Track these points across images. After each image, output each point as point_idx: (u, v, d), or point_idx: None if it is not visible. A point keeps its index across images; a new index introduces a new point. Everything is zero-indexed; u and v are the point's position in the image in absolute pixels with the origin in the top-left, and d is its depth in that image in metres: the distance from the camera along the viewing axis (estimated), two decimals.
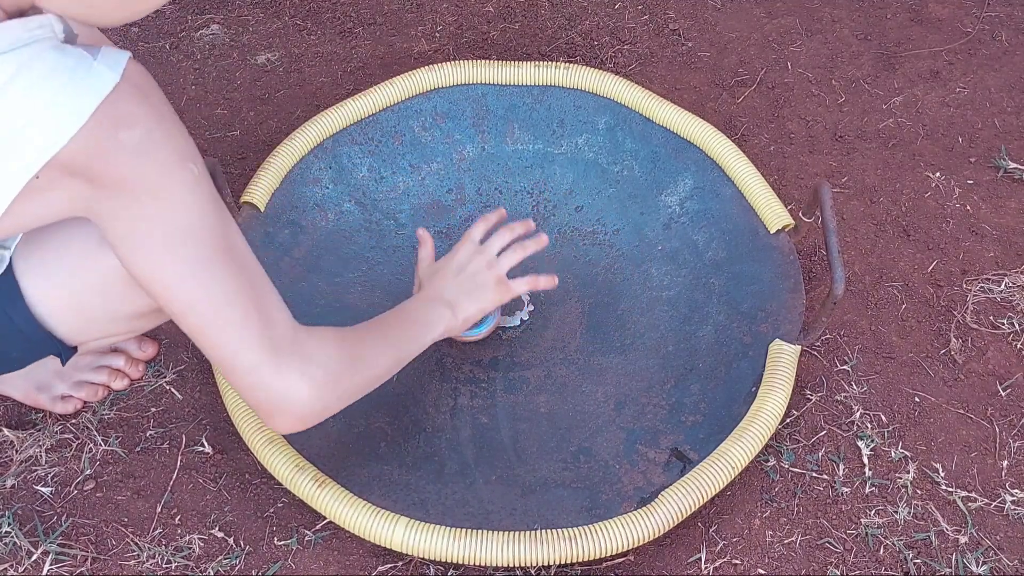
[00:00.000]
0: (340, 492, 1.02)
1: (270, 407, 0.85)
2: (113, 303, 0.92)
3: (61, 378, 1.16)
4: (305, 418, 0.87)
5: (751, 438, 1.06)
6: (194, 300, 0.80)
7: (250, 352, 0.82)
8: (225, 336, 0.81)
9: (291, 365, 0.84)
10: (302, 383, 0.85)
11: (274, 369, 0.83)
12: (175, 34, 1.59)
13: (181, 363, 1.22)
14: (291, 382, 0.84)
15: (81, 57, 0.72)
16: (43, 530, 1.08)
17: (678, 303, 1.27)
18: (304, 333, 0.87)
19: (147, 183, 0.75)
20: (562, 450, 1.15)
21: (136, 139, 0.73)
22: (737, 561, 1.08)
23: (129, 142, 0.73)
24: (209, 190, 0.79)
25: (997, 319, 1.27)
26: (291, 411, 0.85)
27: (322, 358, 0.87)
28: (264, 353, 0.82)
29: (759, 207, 1.28)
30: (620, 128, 1.38)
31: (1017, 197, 1.40)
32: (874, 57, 1.58)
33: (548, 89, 1.41)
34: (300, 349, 0.85)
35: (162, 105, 0.77)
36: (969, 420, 1.19)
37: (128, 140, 0.73)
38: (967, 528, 1.10)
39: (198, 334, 0.82)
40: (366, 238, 1.32)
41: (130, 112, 0.73)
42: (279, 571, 1.06)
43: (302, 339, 0.86)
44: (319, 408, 0.87)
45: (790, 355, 1.13)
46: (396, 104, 1.38)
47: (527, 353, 1.25)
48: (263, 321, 0.82)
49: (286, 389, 0.84)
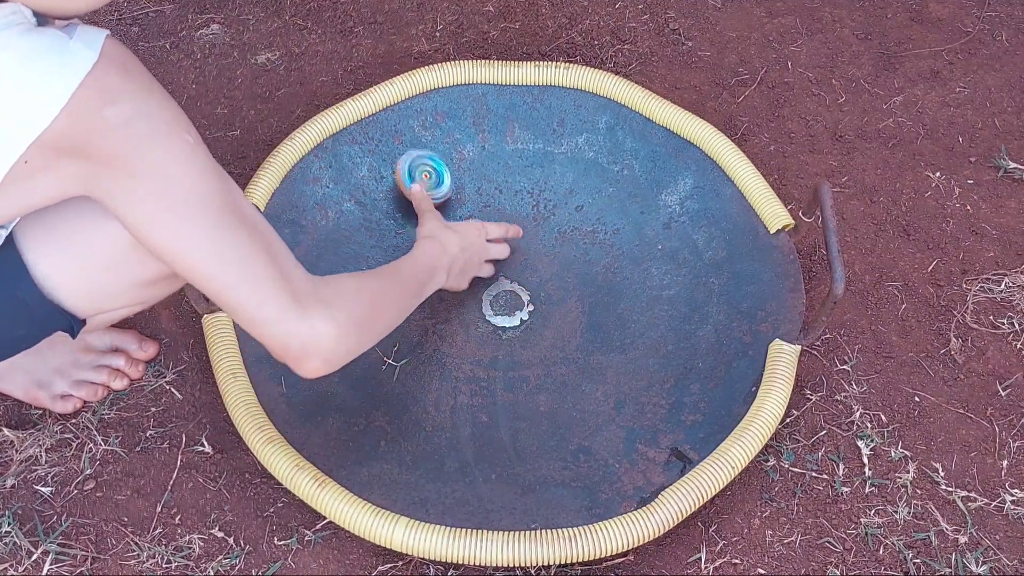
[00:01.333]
0: (340, 492, 1.02)
1: (299, 352, 0.87)
2: (124, 271, 0.91)
3: (61, 376, 1.16)
4: (332, 359, 0.89)
5: (751, 438, 1.06)
6: (211, 266, 0.82)
7: (273, 305, 0.84)
8: (247, 295, 0.84)
9: (314, 310, 0.86)
10: (327, 326, 0.87)
11: (298, 316, 0.85)
12: (175, 33, 1.59)
13: (181, 363, 1.22)
14: (316, 326, 0.86)
15: (57, 37, 0.72)
16: (43, 530, 1.08)
17: (678, 302, 1.27)
18: (322, 282, 0.90)
19: (143, 159, 0.76)
20: (562, 449, 1.15)
21: (124, 115, 0.73)
22: (737, 561, 1.08)
23: (116, 119, 0.73)
24: (207, 157, 0.80)
25: (997, 319, 1.27)
26: (319, 353, 0.87)
27: (343, 302, 0.90)
28: (287, 303, 0.85)
29: (759, 207, 1.28)
30: (620, 128, 1.38)
31: (1017, 197, 1.40)
32: (874, 57, 1.58)
33: (548, 89, 1.41)
34: (321, 296, 0.88)
35: (146, 79, 0.77)
36: (969, 420, 1.19)
37: (115, 116, 0.73)
38: (967, 528, 1.10)
39: (220, 297, 0.84)
40: (366, 238, 1.32)
41: (113, 88, 0.73)
42: (279, 571, 1.06)
43: (321, 287, 0.89)
44: (344, 349, 0.90)
45: (790, 355, 1.13)
46: (396, 104, 1.38)
47: (527, 352, 1.25)
48: (281, 276, 0.85)
49: (312, 333, 0.86)
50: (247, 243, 0.82)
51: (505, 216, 1.37)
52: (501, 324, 1.28)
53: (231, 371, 1.12)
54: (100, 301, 0.94)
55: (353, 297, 0.92)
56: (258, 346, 1.17)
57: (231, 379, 1.12)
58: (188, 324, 1.25)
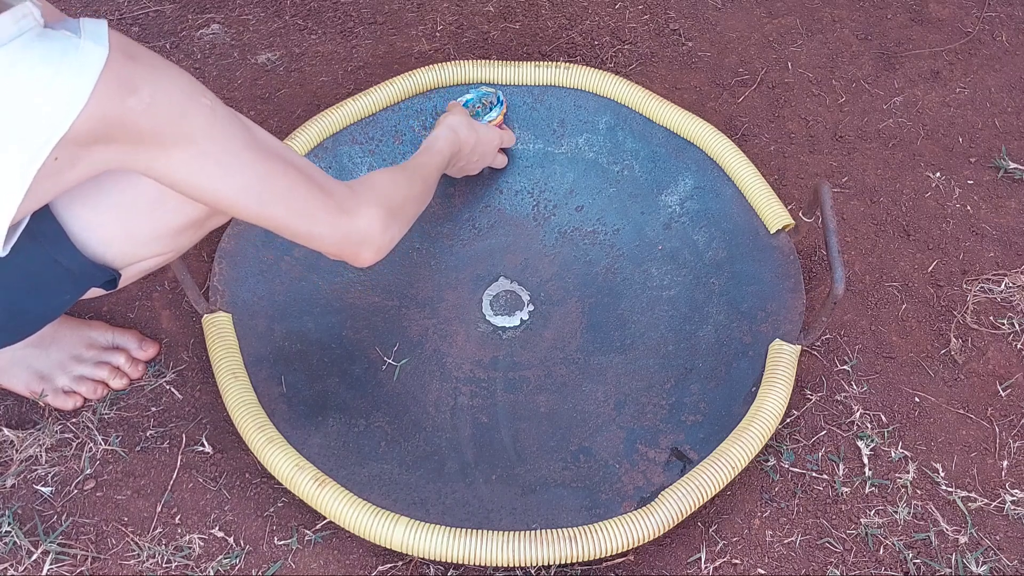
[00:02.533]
0: (340, 492, 1.02)
1: (355, 248, 1.00)
2: (158, 217, 0.96)
3: (63, 370, 1.16)
4: (382, 246, 1.02)
5: (751, 438, 1.06)
6: (262, 206, 0.91)
7: (324, 221, 0.95)
8: (299, 221, 0.94)
9: (358, 211, 0.98)
10: (372, 221, 0.99)
11: (348, 221, 0.97)
12: (175, 34, 1.59)
13: (181, 363, 1.22)
14: (362, 223, 0.98)
15: (67, 39, 0.76)
16: (43, 530, 1.08)
17: (678, 303, 1.27)
18: (357, 184, 1.02)
19: (171, 132, 0.81)
20: (562, 450, 1.15)
21: (144, 100, 0.78)
22: (737, 561, 1.08)
23: (139, 105, 0.78)
24: (225, 113, 0.86)
25: (997, 319, 1.27)
26: (371, 244, 1.00)
27: (378, 197, 1.01)
28: (335, 214, 0.96)
29: (759, 207, 1.28)
30: (620, 128, 1.38)
31: (1017, 197, 1.40)
32: (874, 57, 1.58)
33: (548, 89, 1.41)
34: (361, 197, 0.99)
35: (153, 59, 0.81)
36: (969, 420, 1.19)
37: (137, 104, 0.78)
38: (967, 528, 1.10)
39: (277, 230, 0.95)
40: None
41: (129, 77, 0.78)
42: (279, 571, 1.06)
43: (358, 189, 1.00)
44: (388, 236, 1.02)
45: (790, 355, 1.13)
46: (396, 104, 1.38)
47: (527, 353, 1.25)
48: (322, 192, 0.95)
49: (361, 230, 0.99)
50: (283, 176, 0.91)
51: (505, 216, 1.37)
52: (501, 324, 1.28)
53: (231, 371, 1.12)
54: (137, 248, 0.98)
55: (385, 191, 1.03)
56: (258, 346, 1.18)
57: (231, 379, 1.12)
58: (188, 324, 1.25)
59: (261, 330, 1.19)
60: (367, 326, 1.25)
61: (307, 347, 1.21)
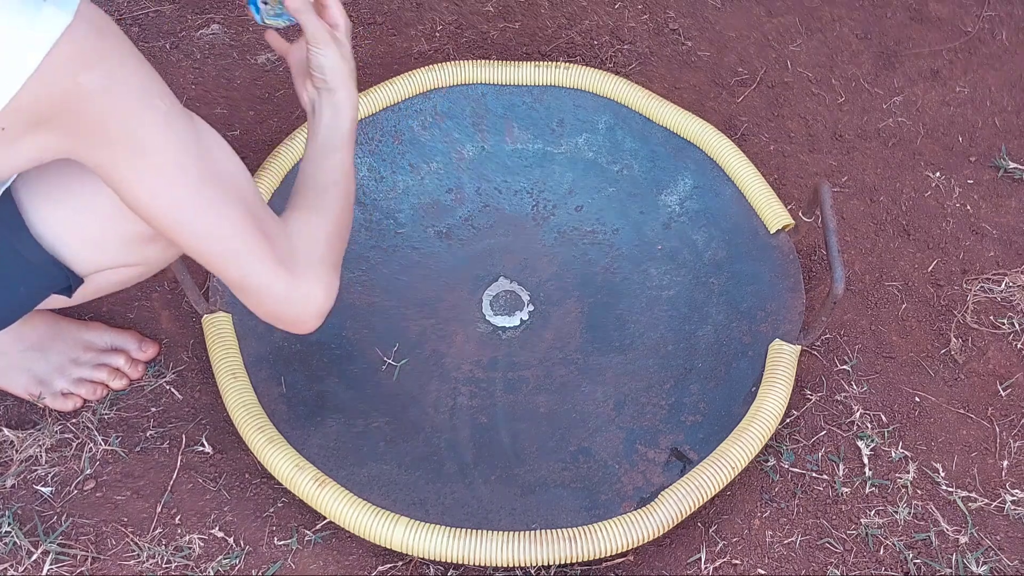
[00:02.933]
0: (340, 492, 1.02)
1: (294, 318, 0.90)
2: (121, 224, 0.90)
3: (62, 374, 1.16)
4: (324, 313, 0.92)
5: (751, 438, 1.06)
6: (195, 235, 0.82)
7: (262, 274, 0.85)
8: (237, 264, 0.84)
9: (302, 273, 0.88)
10: (316, 287, 0.89)
11: (288, 283, 0.87)
12: (175, 34, 1.59)
13: (181, 363, 1.22)
14: (305, 288, 0.88)
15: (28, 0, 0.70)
16: (43, 530, 1.08)
17: (678, 303, 1.27)
18: (295, 235, 0.89)
19: (119, 127, 0.75)
20: (561, 450, 1.15)
21: (98, 81, 0.72)
22: (737, 561, 1.08)
23: (91, 85, 0.72)
24: (182, 120, 0.79)
25: (997, 319, 1.27)
26: (315, 313, 0.91)
27: (319, 253, 0.90)
28: (274, 271, 0.86)
29: (759, 207, 1.27)
30: (620, 128, 1.38)
31: (1017, 197, 1.40)
32: (874, 56, 1.58)
33: (548, 89, 1.40)
34: (301, 255, 0.88)
35: (121, 42, 0.75)
36: (969, 420, 1.19)
37: (90, 83, 0.72)
38: (967, 528, 1.10)
39: (210, 265, 0.85)
40: (366, 238, 1.32)
41: (88, 52, 0.72)
42: (279, 571, 1.06)
43: (296, 243, 0.89)
44: (332, 300, 0.92)
45: (790, 355, 1.13)
46: (396, 104, 1.38)
47: (527, 353, 1.25)
48: (265, 240, 0.85)
49: (305, 297, 0.88)
50: (229, 209, 0.82)
51: (505, 216, 1.37)
52: (501, 324, 1.28)
53: (231, 371, 1.12)
54: (98, 255, 0.93)
55: (325, 243, 0.92)
56: (258, 346, 1.17)
57: (231, 379, 1.12)
58: (188, 324, 1.25)
59: (261, 330, 1.19)
60: (367, 326, 1.25)
61: (307, 347, 1.21)
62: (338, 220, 0.95)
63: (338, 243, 0.95)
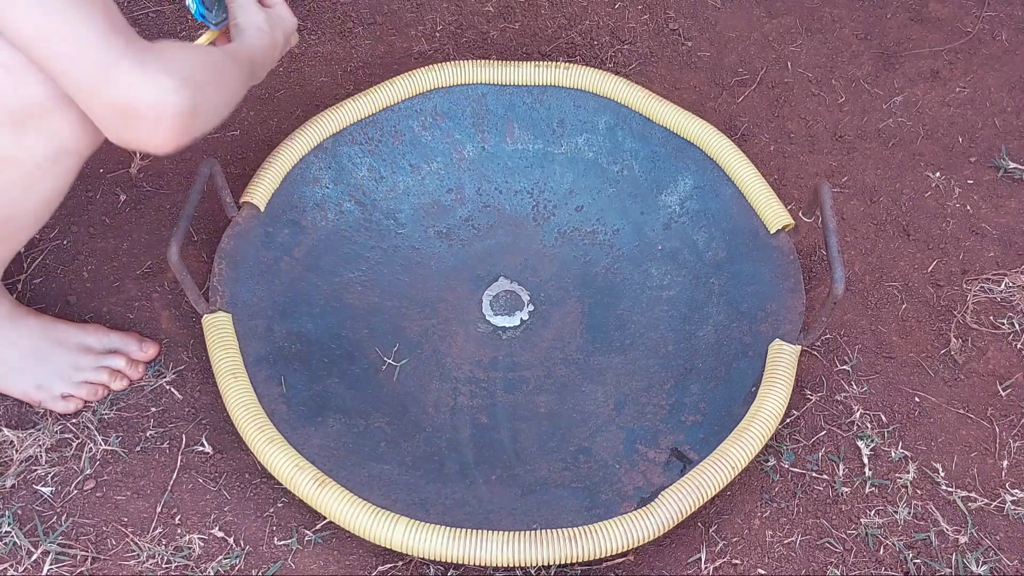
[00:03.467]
0: (340, 492, 1.02)
1: (145, 110, 0.79)
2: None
3: (61, 378, 1.16)
4: (180, 117, 0.81)
5: (751, 438, 1.06)
6: (31, 16, 0.74)
7: (105, 51, 0.77)
8: (72, 43, 0.76)
9: (153, 62, 0.79)
10: (171, 79, 0.79)
11: (137, 65, 0.78)
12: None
13: (181, 363, 1.22)
14: (159, 78, 0.79)
15: None
16: (43, 530, 1.08)
17: (678, 303, 1.27)
18: (161, 43, 0.83)
19: None
20: (562, 450, 1.15)
21: None
22: (737, 561, 1.08)
23: None
24: None
25: (997, 319, 1.27)
26: (170, 110, 0.80)
27: (183, 60, 0.83)
28: (122, 49, 0.77)
29: (759, 207, 1.27)
30: (620, 128, 1.38)
31: (1017, 197, 1.40)
32: (874, 57, 1.58)
33: (548, 89, 1.41)
34: (160, 52, 0.81)
35: None
36: (969, 420, 1.19)
37: None
38: (967, 528, 1.10)
39: (44, 56, 0.77)
40: (366, 238, 1.32)
41: None
42: (279, 571, 1.06)
43: (160, 46, 0.82)
44: (191, 107, 0.81)
45: (790, 355, 1.13)
46: (396, 104, 1.38)
47: (527, 353, 1.25)
48: (117, 29, 0.78)
49: (157, 86, 0.79)
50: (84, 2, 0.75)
51: (505, 216, 1.37)
52: (501, 324, 1.28)
53: (231, 371, 1.12)
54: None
55: (193, 56, 0.85)
56: (258, 346, 1.17)
57: (231, 379, 1.11)
58: (188, 324, 1.25)
59: (261, 330, 1.19)
60: (367, 326, 1.25)
61: (307, 347, 1.21)
62: (215, 62, 0.89)
63: (209, 68, 0.86)
